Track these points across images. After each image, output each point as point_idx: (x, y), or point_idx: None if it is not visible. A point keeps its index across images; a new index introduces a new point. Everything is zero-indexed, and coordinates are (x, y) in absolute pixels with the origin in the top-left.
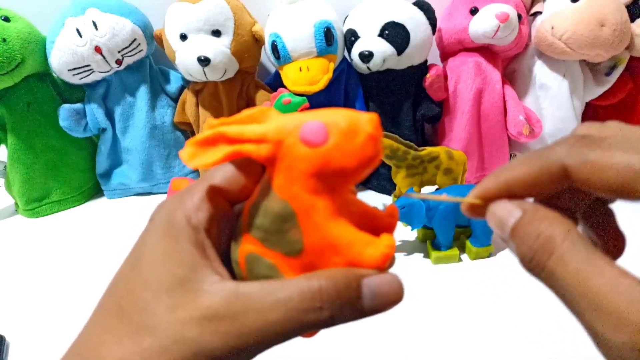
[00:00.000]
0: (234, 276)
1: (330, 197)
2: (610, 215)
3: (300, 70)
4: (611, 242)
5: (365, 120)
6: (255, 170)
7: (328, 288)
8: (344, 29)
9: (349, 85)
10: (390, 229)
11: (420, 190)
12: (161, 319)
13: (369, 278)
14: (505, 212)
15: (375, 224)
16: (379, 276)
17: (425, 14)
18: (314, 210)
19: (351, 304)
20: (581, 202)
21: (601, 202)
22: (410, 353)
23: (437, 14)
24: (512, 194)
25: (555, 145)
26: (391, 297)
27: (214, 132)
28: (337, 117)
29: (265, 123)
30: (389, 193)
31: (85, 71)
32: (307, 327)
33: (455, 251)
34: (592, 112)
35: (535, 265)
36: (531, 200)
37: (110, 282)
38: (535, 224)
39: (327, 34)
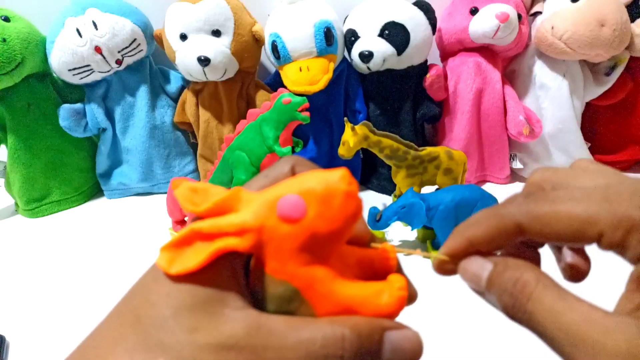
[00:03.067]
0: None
1: (326, 263)
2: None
3: (300, 70)
4: (577, 265)
5: (337, 179)
6: None
7: (352, 338)
8: (344, 29)
9: (349, 85)
10: (391, 268)
11: (420, 190)
12: (178, 339)
13: (391, 332)
14: (477, 267)
15: (376, 265)
16: (402, 332)
17: (425, 14)
18: (316, 282)
19: (371, 356)
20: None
21: None
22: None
23: (437, 14)
24: (476, 250)
25: (507, 203)
26: (410, 355)
27: (187, 231)
28: (310, 184)
29: (239, 209)
30: (389, 193)
31: (85, 71)
32: None
33: None
34: (592, 112)
35: (517, 310)
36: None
37: (130, 290)
38: (509, 272)
39: (327, 34)
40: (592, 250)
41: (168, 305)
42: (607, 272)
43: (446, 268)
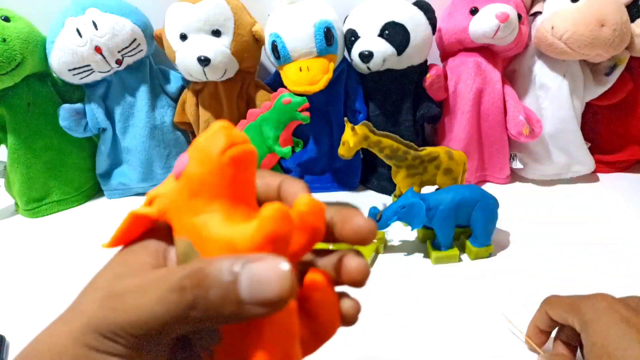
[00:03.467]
0: None
1: (215, 208)
2: None
3: (300, 70)
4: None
5: (214, 125)
6: None
7: (199, 269)
8: (344, 29)
9: (349, 85)
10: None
11: (420, 190)
12: (87, 302)
13: (249, 264)
14: None
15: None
16: (260, 263)
17: (425, 14)
18: (201, 228)
19: (223, 290)
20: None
21: None
22: (410, 353)
23: (437, 14)
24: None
25: None
26: (271, 288)
27: (126, 216)
28: (197, 139)
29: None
30: (389, 193)
31: (85, 71)
32: (174, 314)
33: (455, 251)
34: (592, 112)
35: None
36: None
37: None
38: None
39: (327, 34)
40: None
41: (93, 287)
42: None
43: None
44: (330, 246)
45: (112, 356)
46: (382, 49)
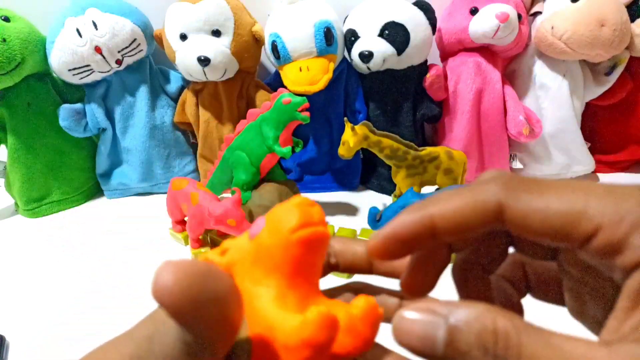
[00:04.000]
0: None
1: (272, 283)
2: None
3: (300, 70)
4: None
5: (294, 198)
6: None
7: None
8: (344, 29)
9: (349, 85)
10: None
11: (420, 190)
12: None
13: None
14: (425, 324)
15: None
16: None
17: (425, 14)
18: (257, 299)
19: None
20: (492, 251)
21: (495, 244)
22: (409, 353)
23: (437, 14)
24: (433, 232)
25: (488, 182)
26: None
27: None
28: (279, 206)
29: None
30: (389, 193)
31: (85, 71)
32: None
33: None
34: (592, 112)
35: None
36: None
37: None
38: (479, 322)
39: (327, 34)
40: None
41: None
42: None
43: (389, 251)
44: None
45: None
46: (382, 49)
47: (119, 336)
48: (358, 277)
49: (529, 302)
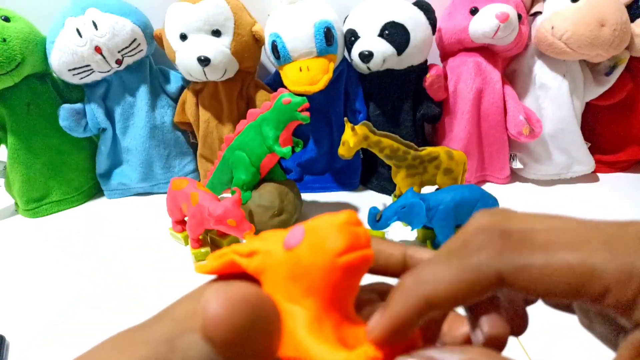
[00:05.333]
0: None
1: (310, 305)
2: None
3: (300, 70)
4: (516, 319)
5: (340, 216)
6: None
7: None
8: (344, 29)
9: (349, 85)
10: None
11: (420, 190)
12: (158, 330)
13: None
14: None
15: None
16: None
17: (425, 14)
18: (291, 318)
19: None
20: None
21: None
22: None
23: (437, 14)
24: (432, 311)
25: (481, 249)
26: None
27: (226, 249)
28: (319, 220)
29: (266, 240)
30: (389, 193)
31: (85, 71)
32: None
33: None
34: (592, 112)
35: None
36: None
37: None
38: None
39: (327, 34)
40: None
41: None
42: None
43: (392, 342)
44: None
45: None
46: (382, 49)
47: (131, 332)
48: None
49: (538, 308)
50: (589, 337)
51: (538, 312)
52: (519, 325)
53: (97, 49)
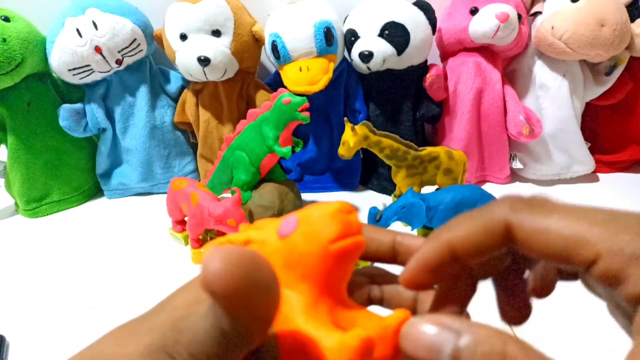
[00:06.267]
0: None
1: (305, 290)
2: (523, 283)
3: (300, 70)
4: (519, 309)
5: (333, 205)
6: None
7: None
8: (344, 29)
9: (349, 85)
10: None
11: (420, 190)
12: (160, 318)
13: None
14: (432, 337)
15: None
16: None
17: (425, 14)
18: (286, 303)
19: None
20: (497, 266)
21: (516, 269)
22: None
23: (437, 14)
24: (454, 256)
25: (496, 204)
26: None
27: (222, 240)
28: (311, 208)
29: (261, 229)
30: (389, 193)
31: (85, 71)
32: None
33: None
34: (592, 112)
35: None
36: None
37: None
38: (487, 346)
39: (327, 34)
40: None
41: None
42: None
43: (420, 282)
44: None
45: None
46: (382, 49)
47: (132, 324)
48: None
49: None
50: (590, 336)
51: (538, 311)
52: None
53: (97, 49)
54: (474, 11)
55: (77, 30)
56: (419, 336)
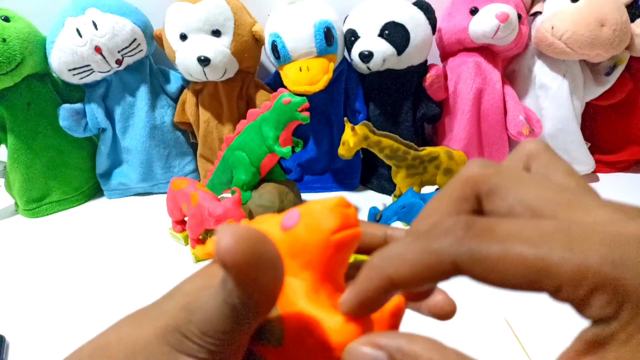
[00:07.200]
0: None
1: (307, 277)
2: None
3: (300, 70)
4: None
5: (332, 200)
6: None
7: None
8: (344, 29)
9: (349, 85)
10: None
11: (420, 190)
12: (172, 303)
13: None
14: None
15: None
16: None
17: (425, 14)
18: (290, 291)
19: None
20: None
21: None
22: None
23: (437, 14)
24: (395, 289)
25: (444, 235)
26: None
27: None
28: (314, 203)
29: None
30: (389, 193)
31: (85, 71)
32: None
33: None
34: (592, 112)
35: None
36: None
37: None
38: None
39: (327, 34)
40: None
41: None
42: None
43: (359, 313)
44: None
45: (189, 357)
46: (382, 49)
47: (144, 310)
48: None
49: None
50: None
51: (538, 311)
52: None
53: (97, 49)
54: (474, 11)
55: (77, 30)
56: (358, 355)
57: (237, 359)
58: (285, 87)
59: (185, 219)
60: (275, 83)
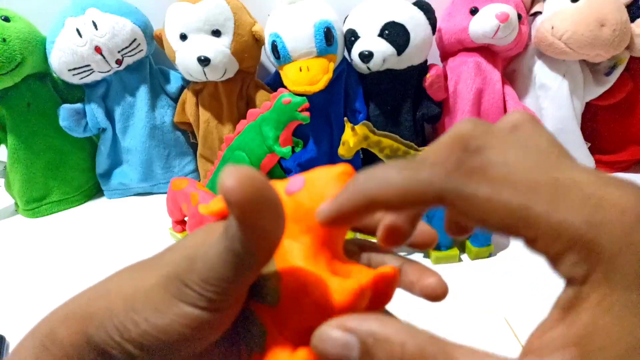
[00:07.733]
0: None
1: (307, 241)
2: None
3: (300, 70)
4: (398, 227)
5: (337, 168)
6: None
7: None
8: (344, 29)
9: (349, 85)
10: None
11: None
12: (174, 254)
13: None
14: (338, 345)
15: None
16: None
17: (425, 14)
18: (289, 253)
19: None
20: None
21: None
22: None
23: (437, 14)
24: (374, 209)
25: (433, 166)
26: None
27: None
28: (320, 170)
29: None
30: None
31: (85, 71)
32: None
33: (455, 251)
34: (592, 112)
35: None
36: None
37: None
38: (386, 346)
39: (327, 34)
40: None
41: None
42: None
43: (335, 224)
44: (357, 235)
45: (189, 305)
46: (382, 49)
47: (144, 262)
48: None
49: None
50: None
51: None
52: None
53: (97, 49)
54: (474, 11)
55: (77, 30)
56: (327, 345)
57: (235, 311)
58: (285, 87)
59: (185, 219)
60: (275, 83)
